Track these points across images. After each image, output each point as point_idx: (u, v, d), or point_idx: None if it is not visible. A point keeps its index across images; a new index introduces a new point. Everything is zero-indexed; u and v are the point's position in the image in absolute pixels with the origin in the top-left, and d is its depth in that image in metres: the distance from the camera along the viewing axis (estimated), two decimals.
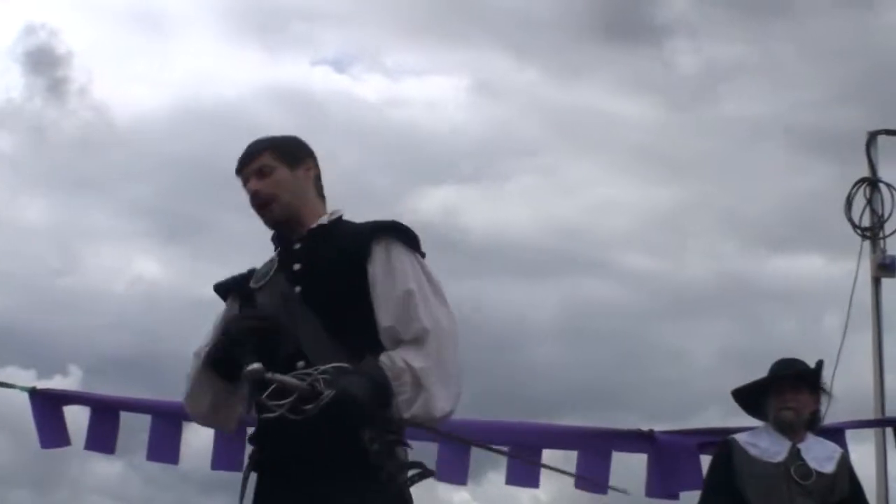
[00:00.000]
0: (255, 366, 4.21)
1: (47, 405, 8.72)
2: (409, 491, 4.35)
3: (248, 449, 4.68)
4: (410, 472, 4.30)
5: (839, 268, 9.06)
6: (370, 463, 4.21)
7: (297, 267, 4.57)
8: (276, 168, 4.64)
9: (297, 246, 4.62)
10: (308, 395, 4.18)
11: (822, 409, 7.25)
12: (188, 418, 8.26)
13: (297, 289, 4.51)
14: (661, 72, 20.29)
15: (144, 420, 8.78)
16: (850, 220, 9.62)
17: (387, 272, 4.50)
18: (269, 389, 4.25)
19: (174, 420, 8.65)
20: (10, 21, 28.99)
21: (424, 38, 22.44)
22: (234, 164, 4.75)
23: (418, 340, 4.39)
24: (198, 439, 8.81)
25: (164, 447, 8.66)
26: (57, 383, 9.58)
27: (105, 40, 25.41)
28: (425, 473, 4.35)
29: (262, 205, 4.66)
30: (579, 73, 21.63)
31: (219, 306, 4.87)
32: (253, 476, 4.60)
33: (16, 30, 30.19)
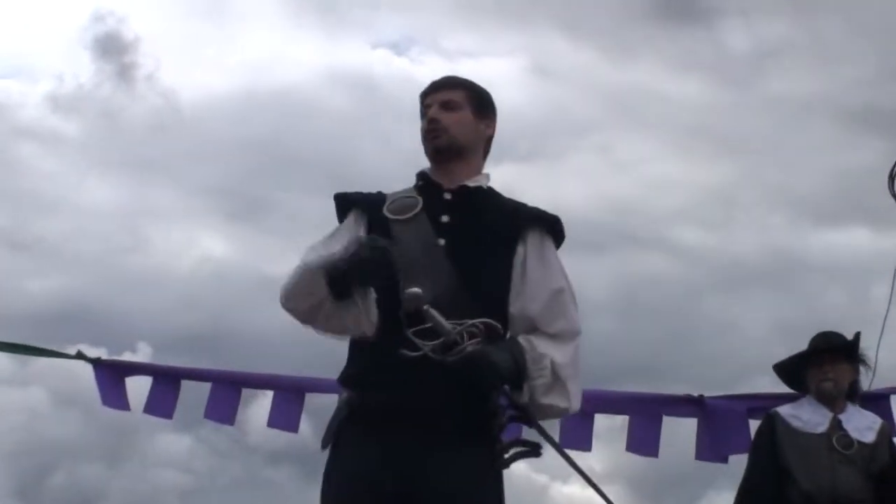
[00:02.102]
0: (416, 290, 3.99)
1: (110, 375, 8.76)
2: (508, 466, 4.24)
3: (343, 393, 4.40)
4: (519, 449, 4.21)
5: (884, 241, 9.05)
6: (487, 434, 4.14)
7: (445, 219, 4.36)
8: (464, 108, 4.48)
9: (448, 196, 4.43)
10: (451, 343, 4.00)
11: (862, 379, 7.30)
12: (246, 385, 8.64)
13: (441, 241, 4.30)
14: (712, 51, 20.69)
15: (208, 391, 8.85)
16: (893, 193, 9.27)
17: (541, 262, 4.40)
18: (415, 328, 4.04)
19: (233, 386, 8.70)
20: (79, 8, 29.45)
21: (481, 20, 22.74)
22: (296, 146, 4.61)
23: (561, 336, 4.32)
24: (261, 413, 8.79)
25: (222, 408, 8.70)
26: (126, 359, 9.55)
27: (171, 27, 25.82)
28: (533, 453, 4.27)
29: (434, 131, 4.45)
30: (633, 53, 21.85)
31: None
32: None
33: (85, 17, 30.68)
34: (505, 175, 4.67)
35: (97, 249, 20.63)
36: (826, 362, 6.99)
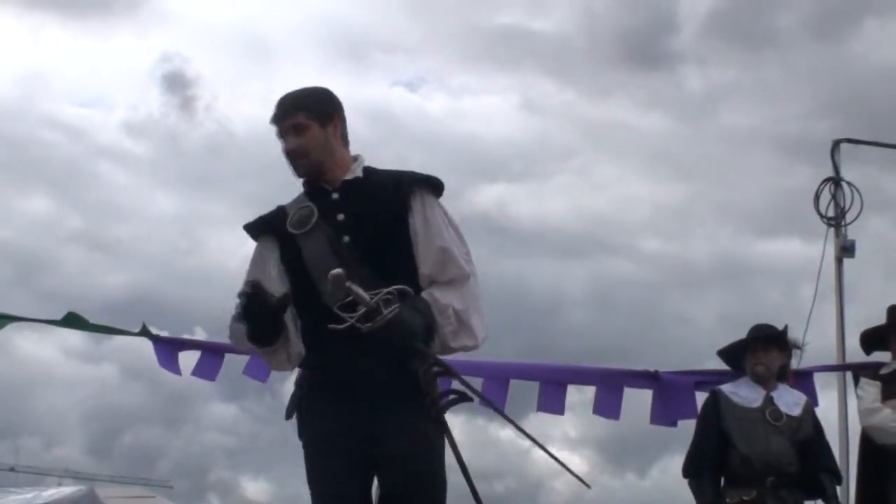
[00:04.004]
0: (338, 270, 3.96)
1: (167, 349, 8.90)
2: (444, 414, 4.19)
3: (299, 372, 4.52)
4: (450, 397, 4.18)
5: (811, 250, 9.39)
6: (418, 389, 4.08)
7: (340, 217, 4.30)
8: (310, 126, 4.34)
9: (336, 196, 4.35)
10: (372, 313, 3.98)
11: (794, 361, 7.45)
12: None
13: (346, 238, 4.26)
14: (673, 91, 21.34)
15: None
16: (818, 211, 9.72)
17: (425, 226, 4.33)
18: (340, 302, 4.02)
19: None
20: (149, 50, 29.65)
21: (480, 63, 23.38)
22: None
23: (456, 282, 4.29)
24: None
25: (257, 369, 8.71)
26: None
27: (226, 66, 26.19)
28: (463, 399, 4.25)
29: (294, 162, 4.37)
30: (607, 92, 22.59)
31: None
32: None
33: (155, 56, 30.83)
34: (499, 191, 4.84)
35: (162, 250, 21.16)
36: (760, 350, 7.13)
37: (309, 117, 4.34)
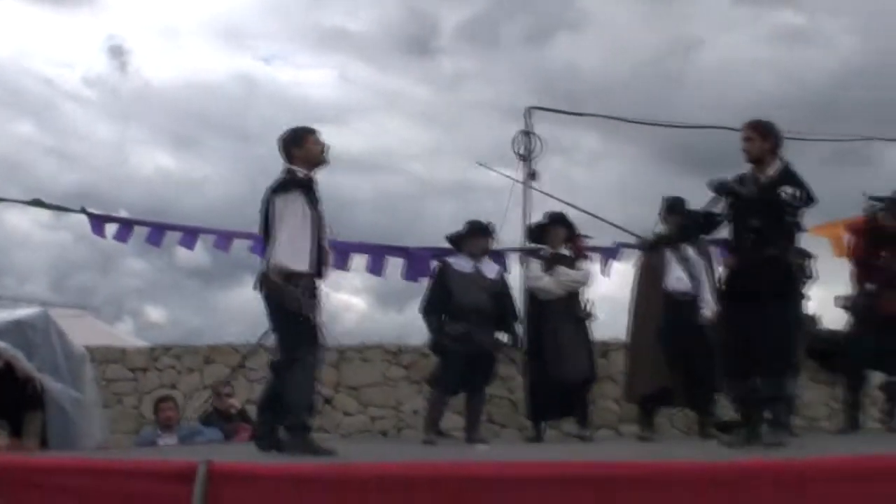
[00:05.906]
0: None
1: (97, 221, 10.79)
2: None
3: None
4: None
5: (513, 176, 11.03)
6: None
7: None
8: None
9: None
10: None
11: (492, 245, 8.82)
12: (171, 229, 10.86)
13: None
14: (435, 73, 28.21)
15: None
16: (514, 151, 11.36)
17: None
18: None
19: (161, 229, 10.82)
20: (100, 30, 35.03)
21: (315, 48, 29.73)
22: (214, 110, 7.60)
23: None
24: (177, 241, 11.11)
25: (155, 238, 10.84)
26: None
27: (149, 42, 32.51)
28: None
29: None
30: (396, 71, 28.62)
31: None
32: None
33: (104, 35, 35.48)
34: (323, 132, 6.46)
35: (104, 161, 27.29)
36: (473, 237, 8.43)
37: None
